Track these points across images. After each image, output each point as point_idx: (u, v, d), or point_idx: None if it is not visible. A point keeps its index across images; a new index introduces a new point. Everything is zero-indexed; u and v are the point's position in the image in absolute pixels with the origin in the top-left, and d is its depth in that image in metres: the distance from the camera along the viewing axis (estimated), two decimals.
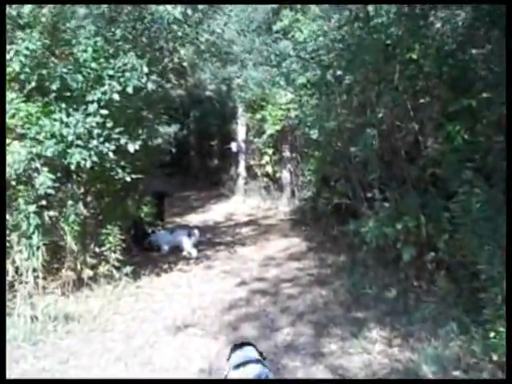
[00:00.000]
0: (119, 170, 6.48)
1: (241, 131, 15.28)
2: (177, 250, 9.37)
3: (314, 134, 8.44)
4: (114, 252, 6.88)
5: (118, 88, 5.81)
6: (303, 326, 5.89)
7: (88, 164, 5.67)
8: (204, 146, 18.91)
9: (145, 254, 9.07)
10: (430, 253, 6.52)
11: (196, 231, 9.59)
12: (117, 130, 5.90)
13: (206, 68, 12.04)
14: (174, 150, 12.46)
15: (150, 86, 6.08)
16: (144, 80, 5.97)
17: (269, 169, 13.90)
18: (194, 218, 13.13)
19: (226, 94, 15.72)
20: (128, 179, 6.47)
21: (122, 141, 5.91)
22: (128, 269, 7.05)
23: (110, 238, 6.88)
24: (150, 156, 8.28)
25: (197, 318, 6.17)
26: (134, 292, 6.97)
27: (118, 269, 7.05)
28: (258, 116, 12.97)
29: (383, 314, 6.08)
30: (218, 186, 16.89)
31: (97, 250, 7.01)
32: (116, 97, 5.80)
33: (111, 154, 5.86)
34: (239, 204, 14.62)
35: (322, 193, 8.44)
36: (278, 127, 12.34)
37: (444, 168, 6.28)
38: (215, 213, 13.92)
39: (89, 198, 6.90)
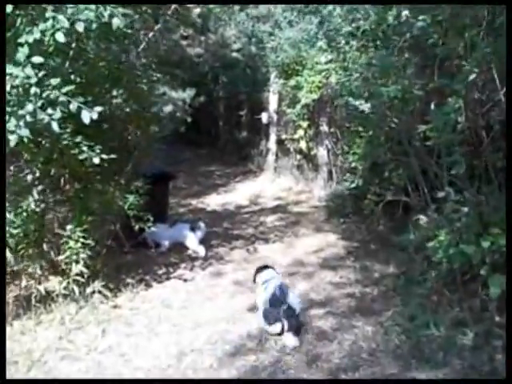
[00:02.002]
0: (84, 148, 4.52)
1: (273, 100, 13.29)
2: (180, 246, 7.46)
3: (362, 104, 6.26)
4: (77, 262, 4.90)
5: (66, 24, 3.74)
6: None
7: (13, 140, 3.65)
8: (232, 116, 16.98)
9: (139, 251, 7.16)
10: None
11: (202, 224, 7.58)
12: (64, 90, 3.84)
13: (230, 21, 9.89)
14: (189, 119, 10.36)
15: (117, 22, 3.95)
16: (106, 14, 3.88)
17: (303, 144, 11.82)
18: (213, 200, 11.21)
19: (258, 57, 13.68)
20: (96, 160, 4.45)
21: (73, 106, 3.83)
22: (97, 285, 5.10)
23: (71, 243, 4.90)
24: (144, 127, 6.27)
25: (182, 372, 4.19)
26: (104, 317, 4.97)
27: (85, 284, 5.11)
28: (292, 82, 10.86)
29: (460, 376, 4.05)
30: (246, 161, 14.96)
31: (57, 258, 5.08)
32: (60, 38, 3.73)
33: (54, 125, 3.80)
34: (268, 184, 12.63)
35: (371, 185, 6.25)
36: (314, 96, 10.19)
37: None
38: (239, 193, 11.94)
39: (42, 187, 4.90)
